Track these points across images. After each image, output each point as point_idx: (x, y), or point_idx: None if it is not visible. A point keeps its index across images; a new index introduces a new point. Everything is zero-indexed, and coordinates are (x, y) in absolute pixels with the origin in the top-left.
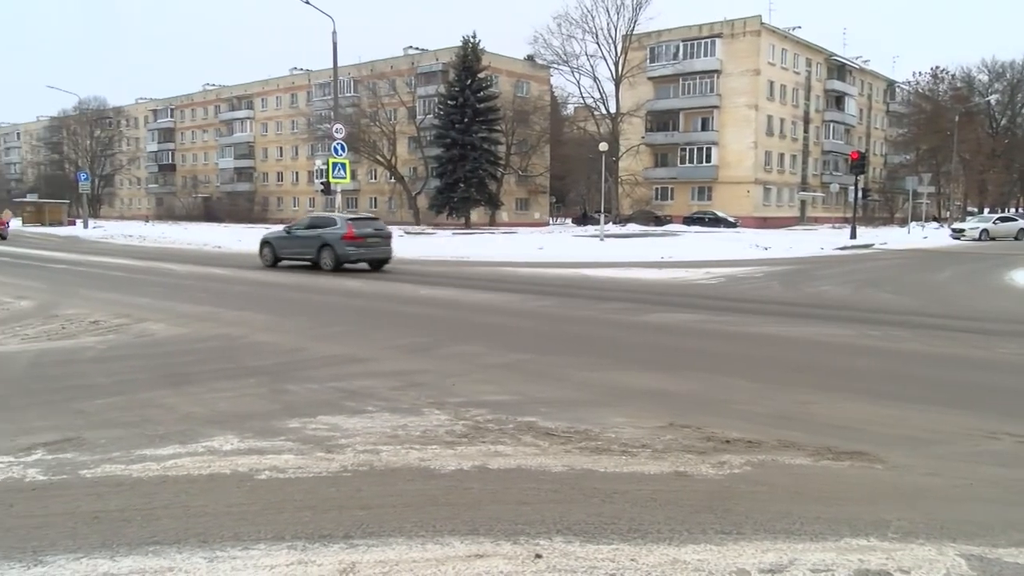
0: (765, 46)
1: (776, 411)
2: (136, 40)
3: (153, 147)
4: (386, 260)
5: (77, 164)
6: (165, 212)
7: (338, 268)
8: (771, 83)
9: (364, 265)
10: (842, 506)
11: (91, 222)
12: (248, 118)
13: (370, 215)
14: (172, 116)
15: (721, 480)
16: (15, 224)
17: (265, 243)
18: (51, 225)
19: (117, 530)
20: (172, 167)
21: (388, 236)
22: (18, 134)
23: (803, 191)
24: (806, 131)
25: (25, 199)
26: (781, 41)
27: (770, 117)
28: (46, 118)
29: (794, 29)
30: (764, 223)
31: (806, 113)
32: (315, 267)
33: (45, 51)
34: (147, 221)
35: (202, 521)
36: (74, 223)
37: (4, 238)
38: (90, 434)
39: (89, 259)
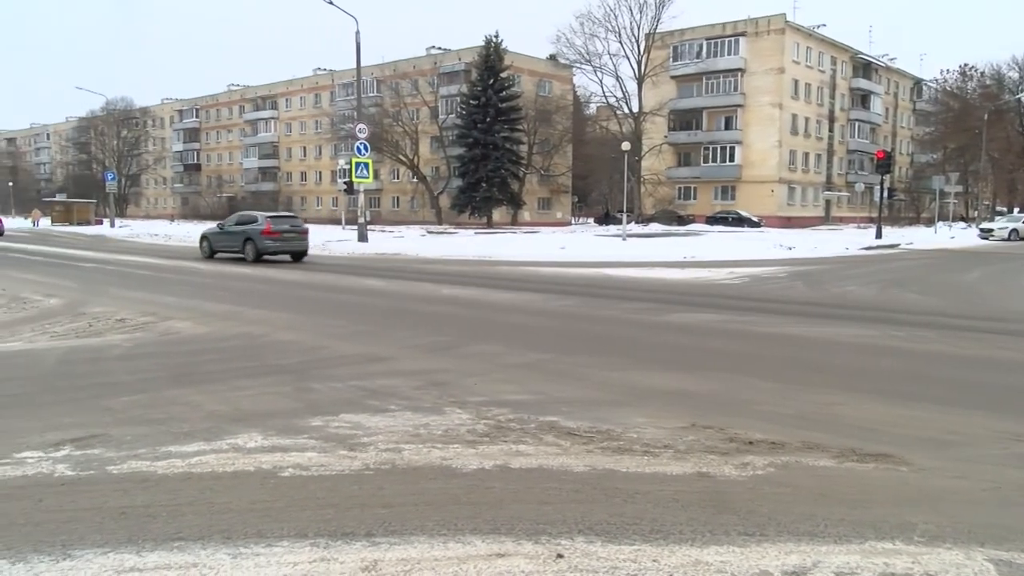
0: (789, 44)
1: (800, 412)
2: (162, 41)
3: (179, 147)
4: (303, 252)
5: (104, 164)
6: (190, 211)
7: (259, 259)
8: (795, 82)
9: (286, 257)
10: (867, 508)
11: (118, 221)
12: (272, 118)
13: (289, 214)
14: (197, 116)
15: (744, 481)
16: (44, 223)
17: (204, 238)
18: (79, 224)
19: (143, 526)
20: (197, 167)
21: (304, 231)
22: (48, 135)
23: (828, 190)
24: (831, 130)
25: (54, 198)
26: (806, 39)
27: (794, 116)
28: (75, 119)
29: (819, 27)
30: (788, 223)
31: (831, 112)
32: (248, 259)
33: (74, 53)
34: (172, 220)
35: (226, 518)
36: (101, 222)
37: (1, 234)
38: (116, 431)
39: (116, 258)
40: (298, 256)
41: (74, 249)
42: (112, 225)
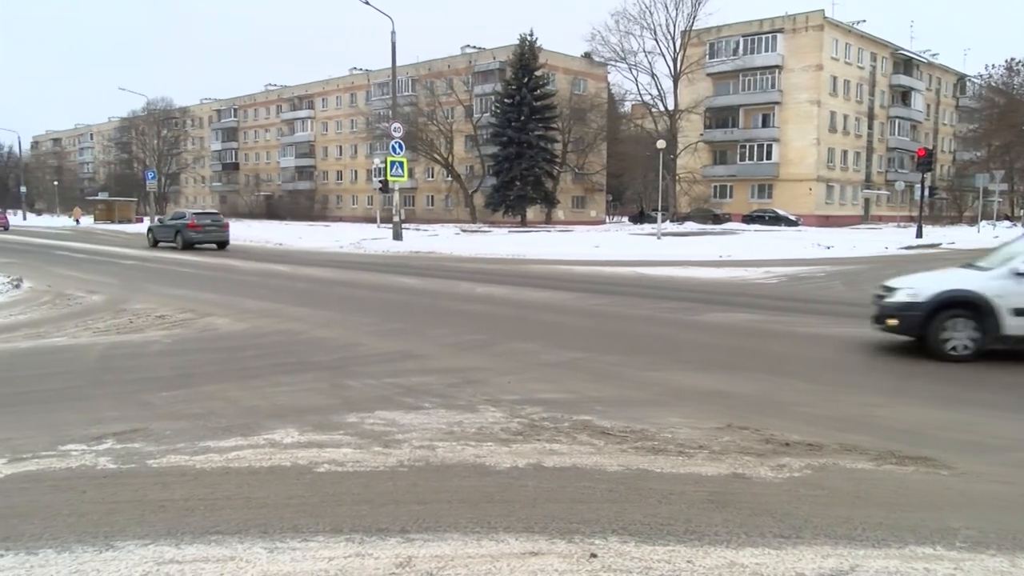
0: (828, 41)
1: (838, 414)
2: (201, 42)
3: (217, 146)
4: (225, 242)
5: (145, 163)
6: (228, 210)
7: (186, 247)
8: (834, 78)
9: (212, 246)
10: (906, 512)
11: (157, 219)
12: (309, 117)
13: (212, 211)
14: (235, 116)
15: (780, 483)
16: (86, 221)
17: (149, 230)
18: (120, 222)
19: (182, 519)
20: (235, 166)
21: (224, 225)
22: (91, 135)
23: (867, 189)
24: (870, 127)
25: (96, 197)
26: (845, 35)
27: (833, 113)
28: (117, 119)
29: (858, 23)
30: (826, 221)
31: (870, 109)
32: (177, 247)
33: (117, 55)
34: None
35: (263, 512)
36: (142, 220)
37: (6, 228)
38: (156, 425)
39: (155, 255)
40: (221, 245)
41: (115, 247)
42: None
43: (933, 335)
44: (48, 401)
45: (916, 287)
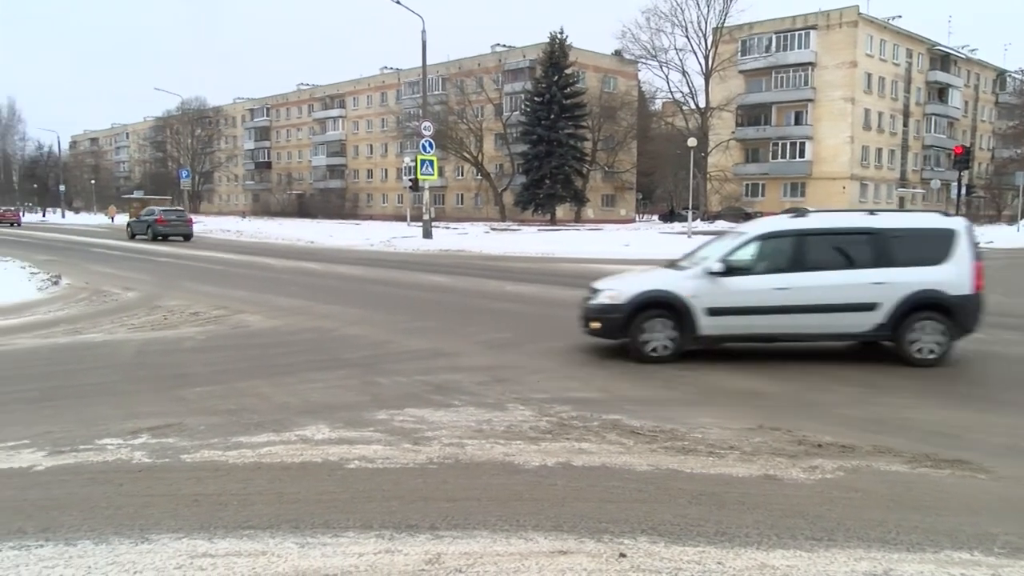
0: (862, 37)
1: (871, 415)
2: (234, 42)
3: (250, 145)
4: (189, 234)
5: (179, 162)
6: (261, 208)
7: (155, 238)
8: (868, 75)
9: (179, 238)
10: (942, 516)
11: (191, 217)
12: (340, 116)
13: (178, 208)
14: (268, 115)
15: (812, 485)
16: (121, 219)
17: (128, 224)
18: None
19: (215, 513)
20: (268, 164)
21: (188, 220)
22: (127, 134)
23: (902, 187)
24: (905, 125)
25: (132, 195)
26: (880, 31)
27: (867, 111)
28: (152, 118)
29: (893, 19)
30: None
31: (906, 106)
32: (148, 238)
33: (152, 55)
34: (244, 217)
35: (294, 508)
36: None
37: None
38: (190, 420)
39: (189, 253)
40: (186, 236)
41: (149, 244)
42: None
43: (633, 337)
44: (85, 396)
45: (617, 288)
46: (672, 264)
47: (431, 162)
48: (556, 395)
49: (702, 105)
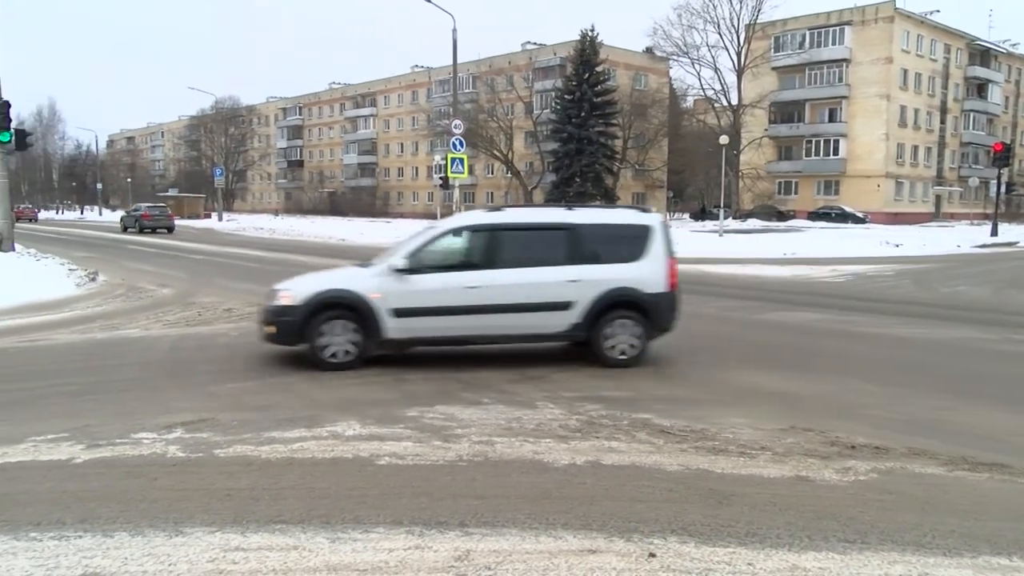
0: (899, 32)
1: (906, 417)
2: (268, 41)
3: (282, 144)
4: (170, 227)
5: (213, 160)
6: (293, 206)
7: (142, 231)
8: (905, 71)
9: (164, 230)
10: (980, 521)
11: (225, 215)
12: (371, 115)
13: (160, 205)
14: (300, 114)
15: (845, 487)
16: None
17: (121, 219)
18: (189, 218)
19: (247, 507)
20: (300, 163)
21: (169, 215)
22: (162, 133)
23: (938, 185)
24: (943, 121)
25: (167, 193)
26: (917, 27)
27: (903, 107)
28: (186, 117)
29: (931, 13)
30: (895, 219)
31: (943, 102)
32: (136, 231)
33: (187, 54)
34: (276, 215)
35: (325, 503)
36: (209, 216)
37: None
38: (223, 416)
39: (223, 250)
40: (169, 229)
41: (184, 241)
42: (220, 219)
43: (311, 341)
44: (122, 390)
45: (293, 288)
46: (363, 262)
47: (461, 160)
48: (586, 393)
49: (734, 102)
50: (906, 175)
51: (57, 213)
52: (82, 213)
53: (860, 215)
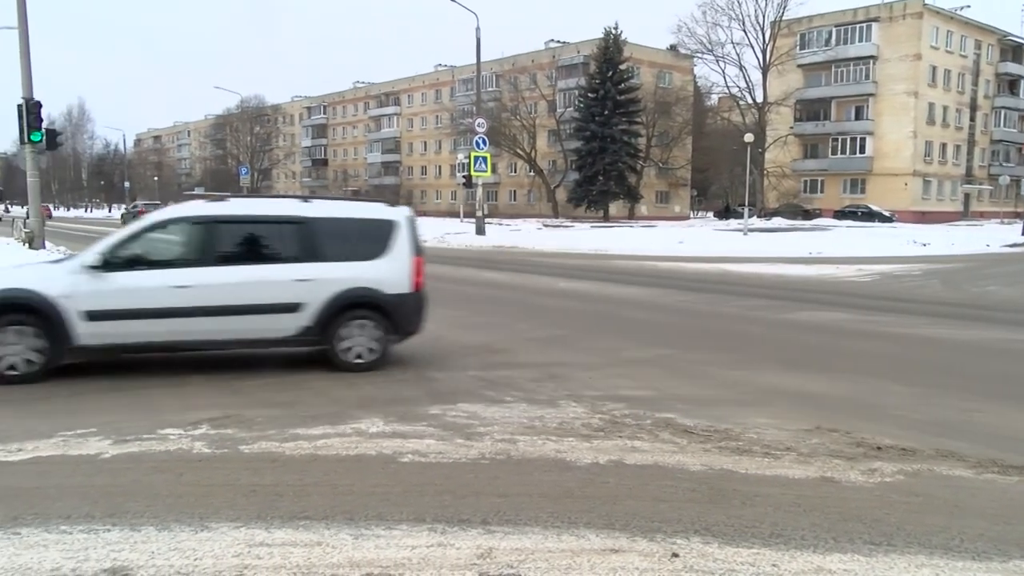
0: (928, 29)
1: (934, 418)
2: (293, 41)
3: (307, 142)
4: None
5: (239, 159)
6: None
7: None
8: (933, 68)
9: None
10: (1010, 525)
11: (125, 208)
12: (395, 114)
13: (156, 202)
14: (325, 113)
15: (871, 488)
16: None
17: (122, 215)
18: None
19: (271, 503)
20: (324, 161)
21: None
22: (188, 132)
23: (967, 184)
24: (972, 119)
25: (193, 192)
26: (946, 22)
27: (931, 104)
28: (212, 116)
29: (961, 9)
30: (923, 218)
31: (973, 99)
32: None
33: (213, 54)
34: None
35: (348, 499)
36: None
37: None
38: (248, 412)
39: None
40: None
41: None
42: None
43: None
44: (149, 387)
45: None
46: (61, 257)
47: (484, 159)
48: (608, 392)
49: (759, 100)
50: (934, 173)
51: (86, 211)
52: (110, 211)
53: (887, 214)
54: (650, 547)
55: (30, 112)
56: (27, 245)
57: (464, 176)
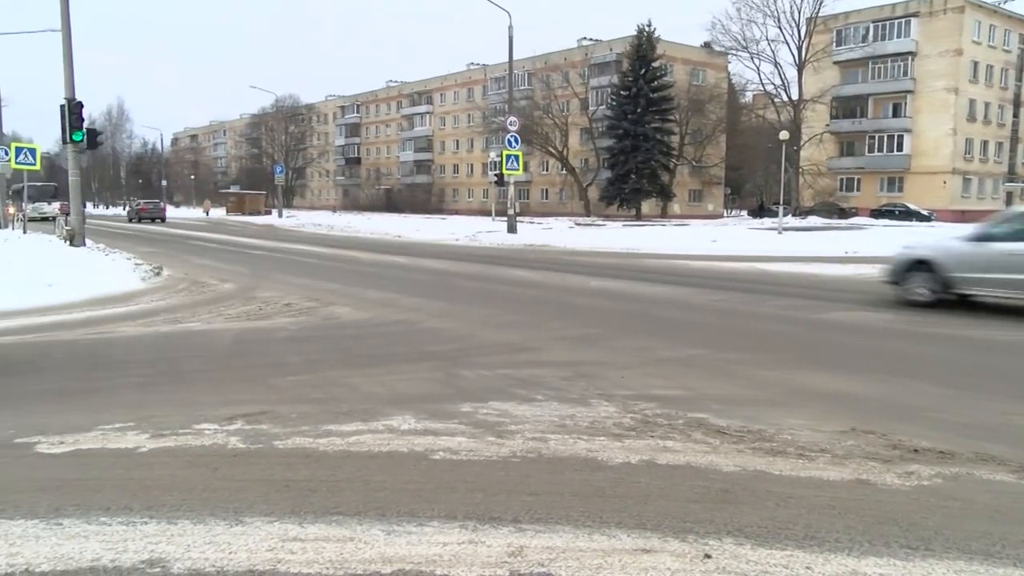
0: (969, 23)
1: (974, 421)
2: (327, 40)
3: (340, 141)
4: (162, 218)
5: (273, 158)
6: (351, 203)
7: (140, 220)
8: (975, 64)
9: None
10: None
11: (285, 212)
12: (427, 113)
13: (154, 200)
14: (358, 112)
15: (908, 491)
16: (217, 213)
17: (127, 211)
18: (250, 214)
19: (304, 499)
20: (357, 160)
21: (161, 208)
22: (224, 131)
23: (1009, 181)
24: (1016, 115)
25: (229, 190)
26: (989, 16)
27: (972, 101)
28: (248, 116)
29: (1004, 2)
30: (962, 217)
31: (1017, 95)
32: (140, 221)
33: (250, 54)
34: (334, 211)
35: (380, 496)
36: (270, 212)
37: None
38: (282, 408)
39: (283, 246)
40: (162, 219)
41: (245, 237)
42: (280, 215)
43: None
44: (185, 382)
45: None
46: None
47: (516, 157)
48: (640, 392)
49: (795, 97)
50: (974, 171)
51: (124, 209)
52: (107, 208)
53: (925, 213)
54: (682, 548)
55: (72, 112)
56: (68, 242)
57: (496, 174)
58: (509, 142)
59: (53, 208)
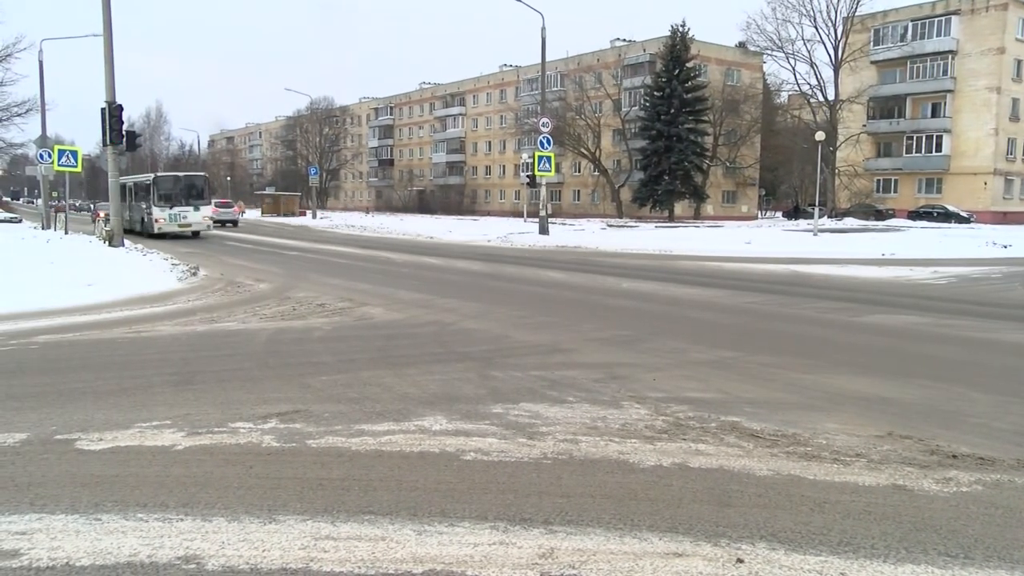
0: (1013, 20)
1: (1015, 427)
2: (361, 43)
3: (374, 143)
4: (234, 222)
5: (308, 159)
6: (384, 204)
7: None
8: (1018, 62)
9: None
10: None
11: (319, 213)
12: (460, 114)
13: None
14: (391, 114)
15: (947, 498)
16: (253, 214)
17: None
18: (285, 215)
19: (338, 498)
20: (391, 162)
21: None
22: (260, 133)
23: None
24: None
25: (264, 191)
26: None
27: (1015, 100)
28: (283, 118)
29: None
30: (1004, 219)
31: None
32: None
33: (285, 56)
34: (368, 212)
35: (412, 496)
36: (305, 214)
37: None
38: (316, 407)
39: (317, 247)
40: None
41: (280, 238)
42: (314, 216)
43: None
44: (221, 381)
45: None
46: None
47: (549, 158)
48: (672, 394)
49: (831, 97)
50: (1017, 172)
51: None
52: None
53: (964, 214)
54: (714, 552)
55: (112, 115)
56: (107, 243)
57: (528, 176)
58: (541, 143)
59: (204, 215)
